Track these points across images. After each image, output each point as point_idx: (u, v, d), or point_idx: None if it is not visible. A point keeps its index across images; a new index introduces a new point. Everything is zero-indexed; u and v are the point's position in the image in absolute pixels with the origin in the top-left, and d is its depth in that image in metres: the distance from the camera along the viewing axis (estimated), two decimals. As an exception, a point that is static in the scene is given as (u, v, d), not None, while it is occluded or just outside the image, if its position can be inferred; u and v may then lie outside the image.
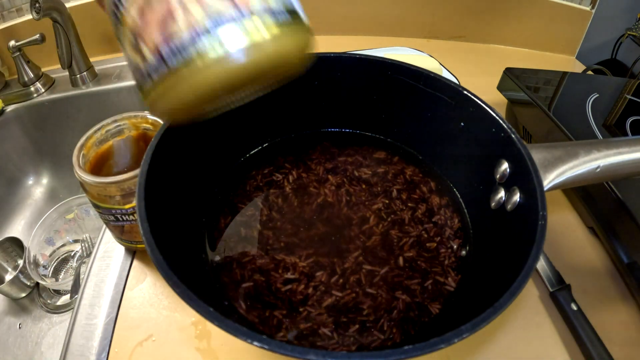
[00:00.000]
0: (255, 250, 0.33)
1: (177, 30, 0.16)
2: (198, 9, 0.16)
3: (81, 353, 0.35)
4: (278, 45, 0.18)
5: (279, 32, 0.17)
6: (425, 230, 0.35)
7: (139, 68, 0.18)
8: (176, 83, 0.17)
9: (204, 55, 0.16)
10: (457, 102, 0.34)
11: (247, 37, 0.17)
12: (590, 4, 0.74)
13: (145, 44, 0.17)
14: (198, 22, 0.16)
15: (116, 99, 0.71)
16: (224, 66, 0.17)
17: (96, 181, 0.34)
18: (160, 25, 0.16)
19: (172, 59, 0.17)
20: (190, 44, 0.16)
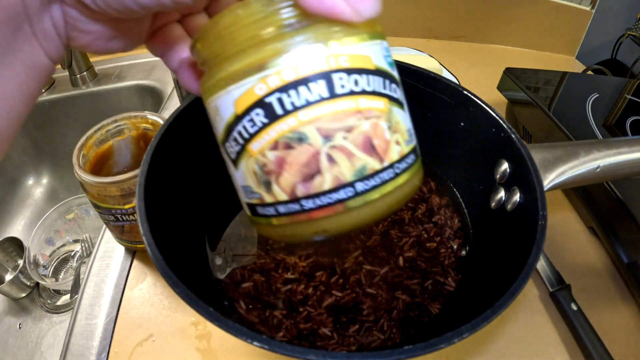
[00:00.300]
0: (255, 250, 0.33)
1: (320, 181, 0.17)
2: (346, 162, 0.17)
3: (81, 353, 0.35)
4: (409, 187, 0.19)
5: (410, 175, 0.19)
6: (425, 230, 0.35)
7: (262, 200, 0.18)
8: (306, 223, 0.18)
9: (344, 203, 0.17)
10: (457, 102, 0.34)
11: (385, 188, 0.18)
12: (590, 4, 0.74)
13: (278, 182, 0.17)
14: (344, 175, 0.17)
15: (116, 99, 0.71)
16: (359, 215, 0.18)
17: (96, 181, 0.34)
18: (301, 171, 0.17)
19: (309, 203, 0.17)
20: (331, 193, 0.17)
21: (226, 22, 0.17)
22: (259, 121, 0.17)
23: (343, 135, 0.17)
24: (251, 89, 0.17)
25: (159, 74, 0.71)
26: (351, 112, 0.17)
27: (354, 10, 0.15)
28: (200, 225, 0.34)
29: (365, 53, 0.17)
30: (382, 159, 0.17)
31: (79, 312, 0.38)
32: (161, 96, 0.68)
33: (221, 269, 0.32)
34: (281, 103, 0.16)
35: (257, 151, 0.17)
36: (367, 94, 0.17)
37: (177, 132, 0.29)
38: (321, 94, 0.16)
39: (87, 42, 0.18)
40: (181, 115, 0.30)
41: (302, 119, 0.16)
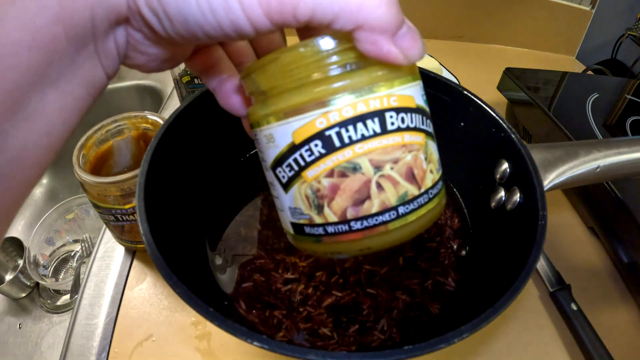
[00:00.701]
0: (255, 250, 0.33)
1: (369, 206, 0.19)
2: (392, 190, 0.19)
3: (81, 353, 0.35)
4: (438, 208, 0.22)
5: (440, 198, 0.22)
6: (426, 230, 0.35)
7: (312, 221, 0.20)
8: (352, 242, 0.20)
9: (387, 224, 0.20)
10: (457, 102, 0.34)
11: (421, 211, 0.20)
12: (590, 4, 0.74)
13: (330, 206, 0.20)
14: (390, 201, 0.19)
15: (116, 99, 0.71)
16: (398, 234, 0.20)
17: (96, 181, 0.34)
18: (353, 197, 0.19)
19: (357, 224, 0.20)
20: (377, 216, 0.19)
21: (288, 59, 0.19)
22: (317, 151, 0.19)
23: (391, 166, 0.19)
24: (312, 122, 0.19)
25: (159, 74, 0.71)
26: (398, 146, 0.19)
27: (405, 56, 0.17)
28: (200, 225, 0.34)
29: (410, 93, 0.20)
30: (420, 186, 0.20)
31: (79, 312, 0.38)
32: (161, 96, 0.68)
33: (221, 269, 0.32)
34: (340, 136, 0.19)
35: (312, 177, 0.19)
36: (410, 130, 0.20)
37: (177, 132, 0.29)
38: (375, 130, 0.19)
39: (142, 63, 0.19)
40: (181, 115, 0.30)
41: (358, 151, 0.19)
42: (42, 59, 0.14)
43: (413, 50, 0.18)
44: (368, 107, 0.18)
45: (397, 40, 0.17)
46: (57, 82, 0.15)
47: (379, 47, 0.17)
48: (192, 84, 0.53)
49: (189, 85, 0.53)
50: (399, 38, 0.17)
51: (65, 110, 0.16)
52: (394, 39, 0.17)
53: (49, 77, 0.15)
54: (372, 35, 0.16)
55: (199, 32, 0.16)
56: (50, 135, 0.16)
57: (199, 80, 0.53)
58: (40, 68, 0.14)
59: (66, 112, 0.16)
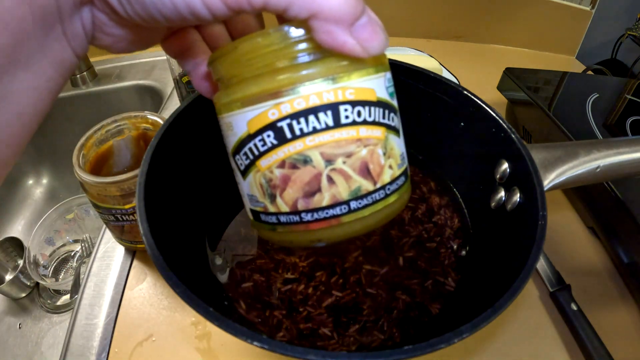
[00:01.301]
0: (255, 250, 0.33)
1: (320, 199, 0.19)
2: (343, 184, 0.19)
3: (81, 353, 0.35)
4: (397, 204, 0.21)
5: (399, 194, 0.21)
6: (425, 230, 0.35)
7: (266, 209, 0.20)
8: (303, 233, 0.20)
9: (339, 218, 0.19)
10: (457, 102, 0.34)
11: (376, 206, 0.20)
12: (590, 4, 0.74)
13: (282, 196, 0.19)
14: (341, 195, 0.19)
15: (116, 99, 0.71)
16: (350, 229, 0.20)
17: (96, 181, 0.34)
18: (303, 189, 0.19)
19: (307, 216, 0.19)
20: (328, 209, 0.19)
21: (246, 48, 0.19)
22: (269, 142, 0.19)
23: (343, 160, 0.19)
24: (265, 113, 0.18)
25: (159, 74, 0.71)
26: (352, 140, 0.19)
27: (363, 48, 0.17)
28: (200, 225, 0.34)
29: (370, 86, 0.19)
30: (376, 182, 0.20)
31: (79, 312, 0.38)
32: (161, 96, 0.68)
33: (221, 269, 0.32)
34: (291, 128, 0.18)
35: (265, 167, 0.19)
36: (367, 124, 0.19)
37: (177, 132, 0.29)
38: (327, 123, 0.18)
39: (109, 43, 0.19)
40: (181, 115, 0.30)
41: (309, 144, 0.18)
42: (11, 41, 0.15)
43: (372, 43, 0.17)
44: (321, 100, 0.18)
45: (355, 31, 0.16)
46: (27, 63, 0.16)
47: (334, 37, 0.16)
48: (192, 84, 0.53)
49: (189, 85, 0.53)
50: (356, 29, 0.16)
51: (37, 91, 0.16)
52: (351, 29, 0.16)
53: (19, 58, 0.15)
54: (326, 25, 0.16)
55: (157, 14, 0.16)
56: (23, 116, 0.16)
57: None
58: (9, 49, 0.15)
59: (38, 93, 0.16)
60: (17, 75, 0.15)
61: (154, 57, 0.74)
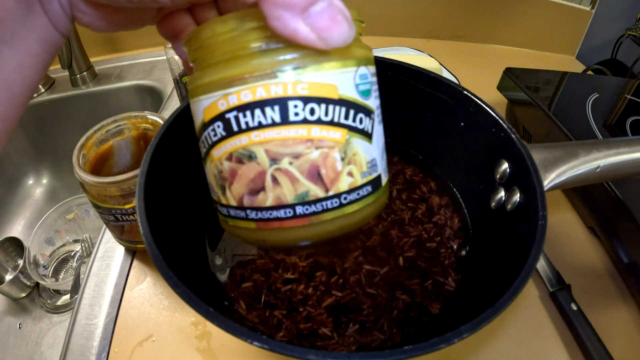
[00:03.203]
0: (255, 250, 0.33)
1: (263, 198, 0.18)
2: (289, 186, 0.17)
3: (81, 353, 0.35)
4: (358, 216, 0.19)
5: (361, 205, 0.19)
6: (425, 230, 0.35)
7: (219, 200, 0.20)
8: (250, 230, 0.19)
9: (283, 221, 0.18)
10: (457, 102, 0.34)
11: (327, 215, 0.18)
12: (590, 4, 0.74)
13: (230, 190, 0.19)
14: (285, 197, 0.18)
15: (116, 99, 0.71)
16: (297, 233, 0.19)
17: (96, 181, 0.34)
18: (248, 185, 0.18)
19: (252, 214, 0.19)
20: (272, 210, 0.18)
21: (206, 34, 0.18)
22: (219, 133, 0.18)
23: (289, 160, 0.17)
24: (215, 103, 0.18)
25: (159, 74, 0.71)
26: (301, 139, 0.17)
27: (320, 37, 0.15)
28: (200, 225, 0.34)
29: (331, 82, 0.17)
30: (328, 189, 0.18)
31: (79, 312, 0.38)
32: (161, 96, 0.68)
33: (221, 269, 0.32)
34: (237, 121, 0.17)
35: (217, 158, 0.19)
36: (322, 124, 0.17)
37: (177, 132, 0.29)
38: (274, 119, 0.17)
39: (88, 22, 0.19)
40: (181, 115, 0.30)
41: (254, 139, 0.17)
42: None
43: (331, 32, 0.15)
44: (268, 93, 0.17)
45: (308, 18, 0.15)
46: (12, 40, 0.16)
47: (284, 23, 0.15)
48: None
49: (189, 85, 0.53)
50: (311, 15, 0.15)
51: (23, 67, 0.17)
52: (304, 15, 0.15)
53: (3, 35, 0.16)
54: (275, 9, 0.14)
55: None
56: (11, 91, 0.17)
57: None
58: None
59: (25, 69, 0.17)
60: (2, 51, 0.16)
61: (154, 57, 0.74)
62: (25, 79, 0.17)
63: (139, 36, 0.77)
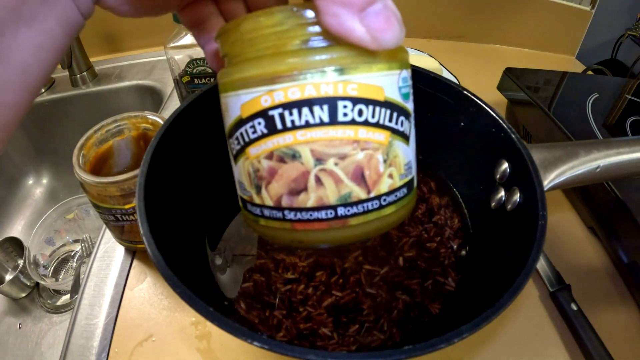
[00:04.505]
0: (255, 250, 0.33)
1: (305, 198, 0.17)
2: (332, 187, 0.17)
3: (81, 353, 0.35)
4: (394, 217, 0.19)
5: (397, 207, 0.19)
6: (425, 230, 0.35)
7: (252, 200, 0.19)
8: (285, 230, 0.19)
9: (323, 222, 0.18)
10: (457, 102, 0.34)
11: (367, 217, 0.18)
12: (590, 4, 0.74)
13: (267, 189, 0.18)
14: (328, 198, 0.17)
15: (116, 99, 0.71)
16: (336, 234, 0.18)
17: (96, 181, 0.34)
18: (289, 185, 0.17)
19: (290, 214, 0.18)
20: (313, 211, 0.18)
21: (248, 26, 0.17)
22: (260, 130, 0.17)
23: (335, 161, 0.17)
24: (258, 99, 0.17)
25: (159, 74, 0.71)
26: (348, 140, 0.17)
27: (374, 38, 0.15)
28: (200, 225, 0.34)
29: (378, 83, 0.17)
30: (370, 190, 0.18)
31: (79, 312, 0.38)
32: (161, 96, 0.68)
33: (221, 269, 0.32)
34: (282, 119, 0.17)
35: (254, 156, 0.18)
36: (369, 125, 0.17)
37: (177, 132, 0.29)
38: (322, 118, 0.17)
39: (113, 5, 0.18)
40: (181, 115, 0.30)
41: (299, 138, 0.17)
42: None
43: (385, 34, 0.15)
44: (318, 92, 0.16)
45: (365, 18, 0.15)
46: (31, 20, 0.15)
47: (341, 22, 0.15)
48: (192, 84, 0.53)
49: (189, 85, 0.53)
50: (368, 15, 0.15)
51: (41, 49, 0.16)
52: (361, 15, 0.15)
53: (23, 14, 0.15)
54: (333, 6, 0.14)
55: None
56: (26, 74, 0.16)
57: (199, 81, 0.53)
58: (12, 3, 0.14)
59: (42, 51, 0.16)
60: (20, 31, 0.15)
61: (154, 57, 0.74)
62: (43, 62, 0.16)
63: (139, 36, 0.77)
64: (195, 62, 0.50)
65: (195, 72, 0.51)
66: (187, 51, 0.50)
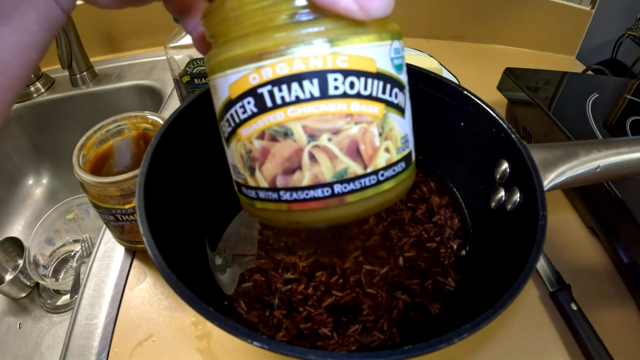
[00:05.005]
0: (255, 250, 0.33)
1: (299, 177, 0.17)
2: (327, 163, 0.17)
3: (81, 353, 0.35)
4: (393, 193, 0.19)
5: (396, 182, 0.18)
6: (425, 230, 0.35)
7: (246, 182, 0.19)
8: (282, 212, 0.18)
9: (320, 201, 0.17)
10: (457, 102, 0.34)
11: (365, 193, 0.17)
12: (590, 4, 0.74)
13: (261, 170, 0.18)
14: (323, 175, 0.17)
15: (116, 99, 0.71)
16: (333, 212, 0.18)
17: (96, 181, 0.34)
18: (283, 165, 0.17)
19: (286, 195, 0.18)
20: (309, 190, 0.17)
21: (232, 4, 0.17)
22: (250, 110, 0.17)
23: (328, 136, 0.17)
24: (246, 77, 0.17)
25: (159, 74, 0.71)
26: (341, 114, 0.16)
27: (362, 7, 0.15)
28: (200, 225, 0.34)
29: (369, 55, 0.17)
30: (366, 165, 0.17)
31: (79, 312, 0.38)
32: (161, 96, 0.68)
33: (221, 269, 0.32)
34: (272, 96, 0.16)
35: (246, 137, 0.18)
36: (361, 98, 0.17)
37: (177, 132, 0.29)
38: (312, 93, 0.16)
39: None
40: (181, 115, 0.30)
41: (290, 115, 0.16)
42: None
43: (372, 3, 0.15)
44: (307, 66, 0.16)
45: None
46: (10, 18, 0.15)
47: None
48: (192, 84, 0.53)
49: (189, 85, 0.53)
50: None
51: (22, 47, 0.16)
52: None
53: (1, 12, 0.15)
54: None
55: None
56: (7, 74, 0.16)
57: (199, 81, 0.53)
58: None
59: (23, 49, 0.16)
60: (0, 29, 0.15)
61: (154, 57, 0.74)
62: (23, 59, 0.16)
63: (139, 36, 0.77)
64: (195, 62, 0.50)
65: (195, 72, 0.52)
66: (187, 51, 0.50)
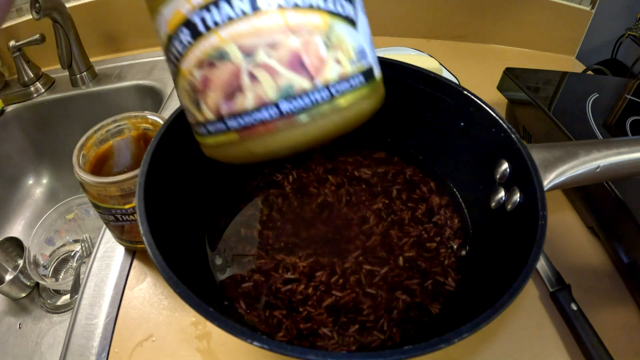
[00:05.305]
0: (255, 250, 0.33)
1: (242, 100, 0.16)
2: (268, 80, 0.16)
3: (81, 353, 0.35)
4: (353, 111, 0.17)
5: (355, 98, 0.17)
6: (425, 230, 0.35)
7: (196, 119, 0.18)
8: (233, 143, 0.17)
9: (267, 125, 0.16)
10: (457, 102, 0.34)
11: (318, 110, 0.16)
12: (590, 4, 0.74)
13: (205, 102, 0.17)
14: (266, 94, 0.16)
15: (116, 99, 0.71)
16: (287, 136, 0.17)
17: (96, 181, 0.34)
18: (223, 90, 0.16)
19: (232, 122, 0.17)
20: (254, 113, 0.16)
21: None
22: (186, 40, 0.17)
23: (266, 51, 0.16)
24: (178, 9, 0.16)
25: (159, 74, 0.71)
26: (277, 28, 0.16)
27: None
28: (200, 225, 0.34)
29: None
30: (313, 77, 0.16)
31: (79, 312, 0.38)
32: (161, 96, 0.68)
33: (221, 269, 0.32)
34: (204, 21, 0.16)
35: (187, 71, 0.17)
36: (298, 8, 0.16)
37: (177, 131, 0.29)
38: (243, 10, 0.15)
39: None
40: (181, 115, 0.30)
41: (224, 36, 0.16)
42: None
43: None
44: None
45: None
46: None
47: None
48: None
49: (189, 85, 0.53)
50: None
51: None
52: None
53: None
54: None
55: None
56: None
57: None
58: None
59: None
60: None
61: (154, 57, 0.74)
62: None
63: (139, 36, 0.77)
64: (195, 62, 0.50)
65: (195, 72, 0.51)
66: (187, 51, 0.50)
